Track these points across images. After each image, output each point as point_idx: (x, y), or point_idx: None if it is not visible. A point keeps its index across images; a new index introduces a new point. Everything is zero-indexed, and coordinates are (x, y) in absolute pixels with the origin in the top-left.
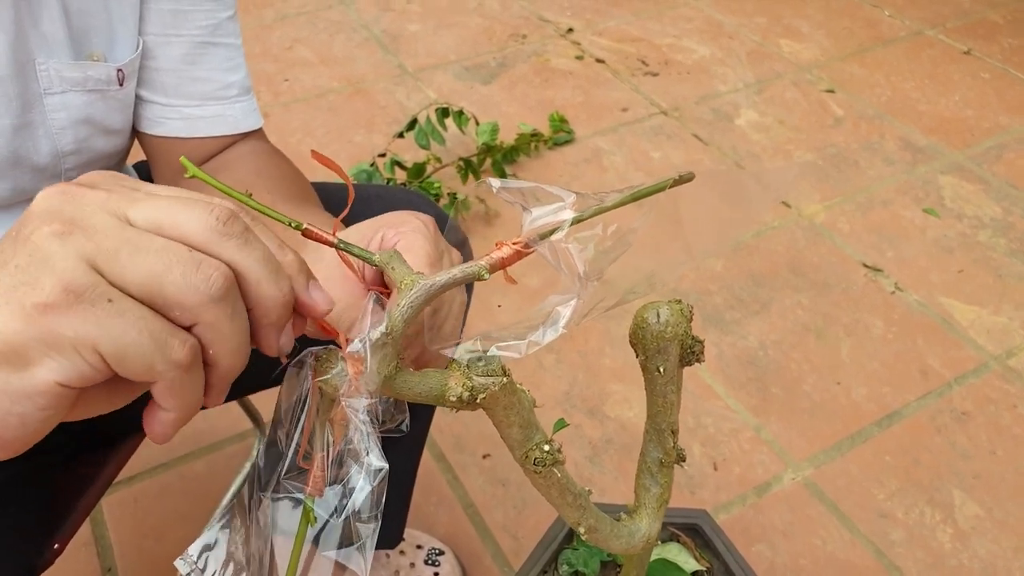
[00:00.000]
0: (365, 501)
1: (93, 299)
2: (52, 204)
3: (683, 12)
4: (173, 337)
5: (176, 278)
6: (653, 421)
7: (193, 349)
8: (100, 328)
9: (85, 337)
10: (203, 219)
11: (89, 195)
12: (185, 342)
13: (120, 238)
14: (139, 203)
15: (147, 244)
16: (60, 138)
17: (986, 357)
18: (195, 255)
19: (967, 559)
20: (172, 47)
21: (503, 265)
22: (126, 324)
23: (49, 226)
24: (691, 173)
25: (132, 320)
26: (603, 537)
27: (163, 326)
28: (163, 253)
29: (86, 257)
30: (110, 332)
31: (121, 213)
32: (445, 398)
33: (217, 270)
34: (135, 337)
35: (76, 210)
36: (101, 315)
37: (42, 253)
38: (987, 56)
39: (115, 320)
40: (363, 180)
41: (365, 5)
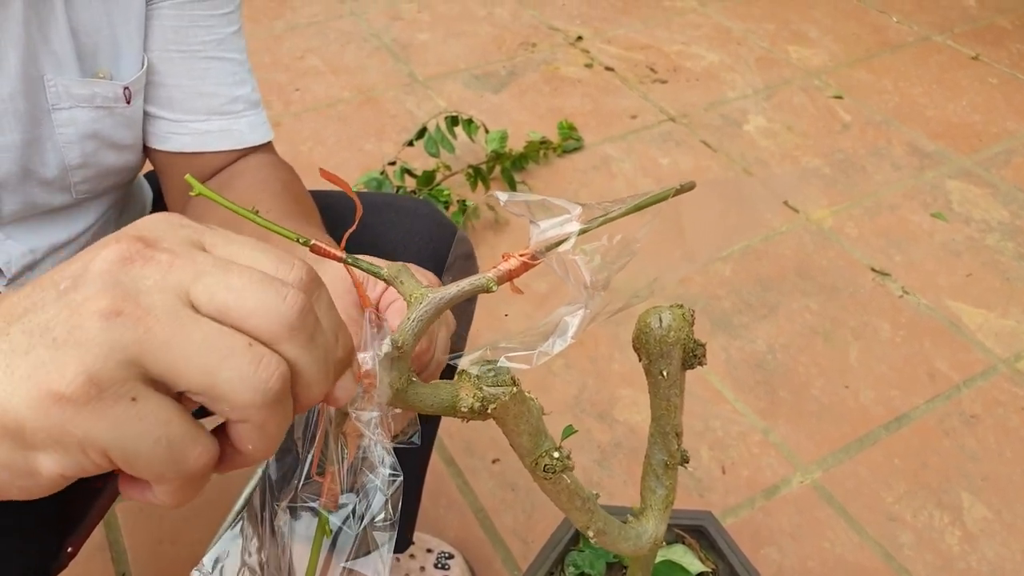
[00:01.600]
0: (380, 510)
1: (116, 396)
2: (111, 270)
3: (691, 19)
4: (195, 445)
5: (231, 378)
6: (657, 424)
7: (211, 460)
8: (112, 432)
9: (94, 439)
10: (275, 311)
11: (151, 266)
12: (206, 451)
13: (173, 327)
14: (204, 279)
15: (202, 336)
16: (67, 152)
17: (994, 360)
18: (255, 351)
19: (976, 561)
20: (177, 63)
21: (510, 277)
22: (143, 430)
23: (99, 302)
24: (692, 182)
25: (151, 426)
26: (611, 540)
27: (187, 432)
28: (219, 348)
29: (127, 347)
30: (122, 437)
31: (183, 291)
32: (456, 409)
33: (276, 371)
34: (149, 446)
35: (133, 282)
36: (119, 417)
37: (81, 334)
38: (995, 61)
39: (132, 424)
40: (373, 188)
41: (375, 15)
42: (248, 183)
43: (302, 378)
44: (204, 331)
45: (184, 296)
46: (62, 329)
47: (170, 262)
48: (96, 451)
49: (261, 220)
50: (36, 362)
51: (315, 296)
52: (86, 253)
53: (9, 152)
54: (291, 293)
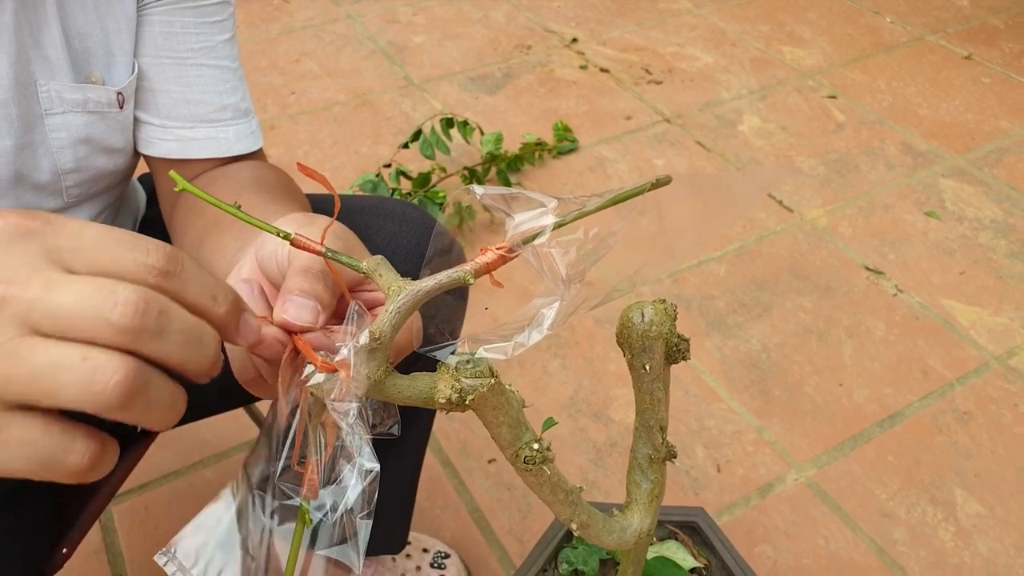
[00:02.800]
0: (358, 500)
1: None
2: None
3: (686, 20)
4: (69, 453)
5: (72, 393)
6: (642, 418)
7: (93, 457)
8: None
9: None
10: (105, 320)
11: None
12: (83, 454)
13: (12, 360)
14: (38, 307)
15: (35, 363)
16: (60, 157)
17: (987, 357)
18: (91, 363)
19: (969, 557)
20: (166, 70)
21: (488, 270)
22: (10, 454)
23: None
24: (668, 177)
25: (17, 449)
26: (595, 533)
27: (56, 445)
28: (53, 370)
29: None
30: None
31: (21, 321)
32: (434, 400)
33: (114, 377)
34: (23, 465)
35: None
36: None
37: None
38: (988, 61)
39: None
40: (368, 190)
41: (371, 18)
42: (233, 181)
43: (171, 364)
44: (39, 356)
45: (21, 325)
46: None
47: (3, 296)
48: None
49: (242, 215)
50: None
51: (178, 266)
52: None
53: (1, 158)
54: (121, 298)
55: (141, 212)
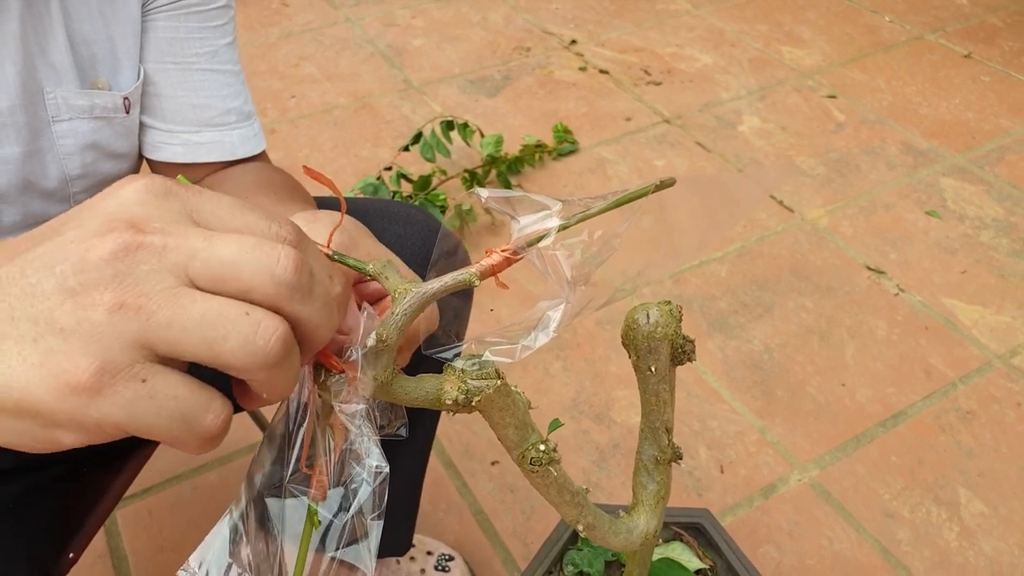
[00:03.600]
0: (368, 502)
1: (127, 380)
2: (109, 260)
3: (685, 21)
4: (206, 412)
5: (232, 348)
6: (647, 419)
7: (224, 422)
8: (126, 412)
9: (110, 420)
10: (270, 275)
11: (145, 252)
12: (218, 416)
13: (174, 309)
14: (198, 256)
15: (200, 312)
16: (68, 163)
17: (990, 356)
18: (253, 318)
19: (973, 556)
20: (170, 74)
21: (493, 272)
22: (155, 407)
23: (102, 295)
24: (672, 179)
25: (162, 402)
26: (602, 534)
27: (197, 402)
28: (217, 322)
29: (132, 334)
30: (136, 416)
31: (180, 270)
32: (441, 402)
33: (275, 333)
34: (163, 420)
35: (131, 271)
36: (131, 398)
37: (88, 326)
38: (987, 59)
39: (144, 404)
40: (369, 193)
41: (370, 21)
42: (238, 183)
43: (308, 327)
44: (201, 307)
45: (182, 275)
46: (69, 320)
47: (163, 245)
48: (112, 427)
49: None
50: (46, 350)
51: (304, 247)
52: (74, 231)
53: (9, 164)
54: (283, 253)
55: None
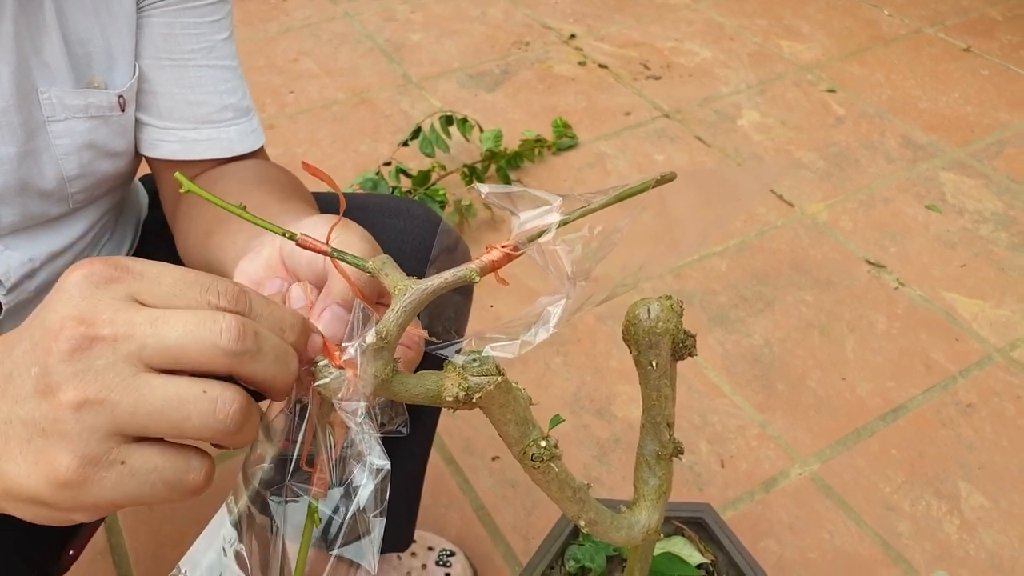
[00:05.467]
0: (369, 499)
1: (107, 465)
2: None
3: (684, 15)
4: (187, 472)
5: (196, 424)
6: (648, 414)
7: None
8: (116, 492)
9: (101, 502)
10: (215, 346)
11: (98, 348)
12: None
13: (134, 396)
14: (149, 344)
15: (161, 397)
16: (65, 163)
17: (990, 349)
18: (211, 395)
19: (974, 549)
20: (166, 71)
21: (493, 268)
22: (139, 482)
23: (67, 395)
24: (673, 173)
25: (144, 476)
26: (603, 529)
27: (177, 467)
28: (179, 403)
29: (101, 426)
30: (125, 493)
31: (134, 360)
32: (442, 399)
33: (232, 406)
34: (150, 490)
35: (89, 369)
36: (116, 480)
37: (61, 426)
38: (986, 53)
39: (129, 481)
40: (368, 189)
41: (368, 16)
42: (237, 180)
43: (266, 383)
44: (161, 393)
45: (136, 363)
46: (46, 421)
47: (113, 337)
48: (107, 507)
49: (248, 215)
50: (36, 450)
51: (246, 305)
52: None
53: (4, 165)
54: (224, 325)
55: (144, 214)
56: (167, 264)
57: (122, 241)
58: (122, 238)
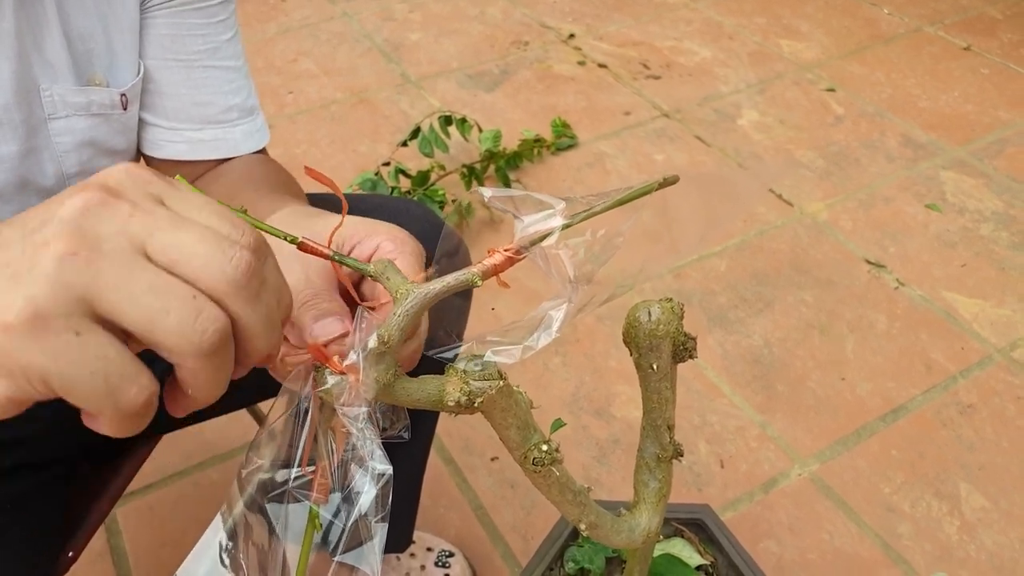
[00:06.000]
0: (371, 504)
1: (60, 329)
2: (74, 215)
3: (683, 15)
4: (131, 383)
5: (170, 324)
6: (649, 417)
7: (148, 398)
8: (53, 361)
9: (35, 367)
10: (220, 268)
11: (110, 213)
12: (144, 390)
13: (124, 272)
14: (160, 232)
15: (148, 282)
16: (65, 161)
17: (990, 350)
18: (197, 303)
19: (974, 550)
20: (172, 72)
21: (495, 271)
22: (82, 362)
23: (58, 244)
24: (676, 176)
25: (89, 359)
26: (604, 533)
27: (125, 369)
28: (163, 295)
29: (76, 285)
30: (62, 367)
31: (139, 241)
32: (443, 403)
33: (214, 324)
34: (86, 378)
35: (93, 227)
36: (60, 347)
37: (36, 271)
38: (986, 52)
39: (72, 355)
40: (368, 189)
41: (367, 15)
42: (234, 178)
43: (245, 333)
44: (151, 278)
45: (139, 246)
46: (21, 266)
47: (130, 212)
48: (36, 378)
49: (249, 218)
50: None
51: (262, 259)
52: (56, 199)
53: (5, 163)
54: (238, 253)
55: None
56: (200, 192)
57: None
58: None
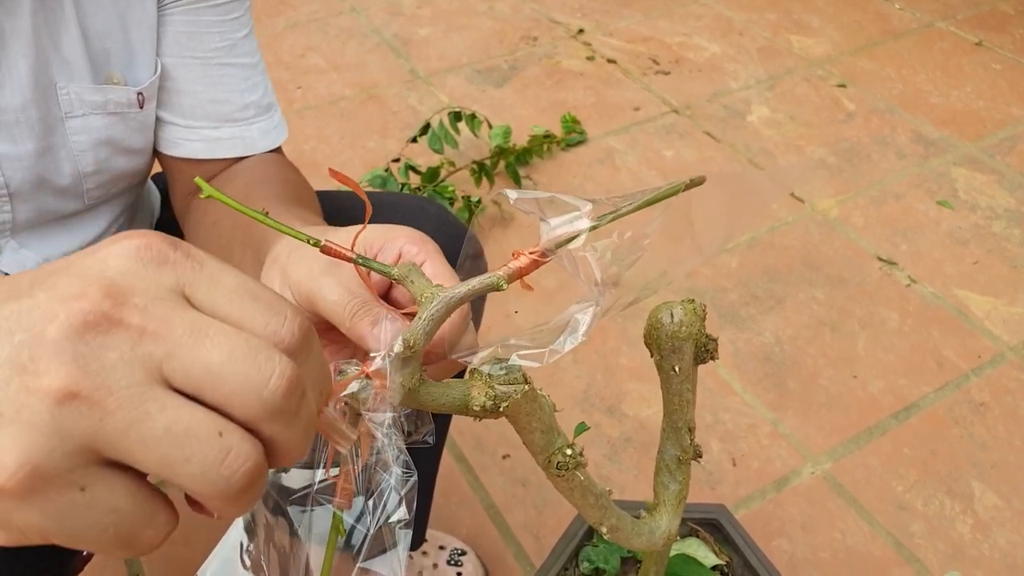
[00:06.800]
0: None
1: (62, 487)
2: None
3: (693, 10)
4: (146, 528)
5: (192, 471)
6: (670, 419)
7: (166, 536)
8: (55, 522)
9: (34, 527)
10: (256, 392)
11: (117, 334)
12: (159, 532)
13: (135, 414)
14: (178, 353)
15: (166, 423)
16: (81, 160)
17: (1002, 347)
18: (224, 442)
19: (987, 549)
20: (189, 69)
21: (521, 275)
22: (90, 520)
23: (53, 379)
24: (702, 177)
25: (99, 515)
26: (625, 536)
27: (138, 517)
28: (183, 441)
29: (80, 435)
30: (66, 527)
31: (154, 366)
32: (469, 408)
33: (244, 465)
34: (95, 534)
35: (95, 356)
36: (63, 508)
37: (30, 416)
38: (998, 47)
39: (77, 515)
40: (378, 185)
41: (376, 11)
42: (249, 179)
43: (279, 450)
44: (170, 418)
45: (155, 372)
46: (10, 404)
47: (140, 331)
48: (35, 534)
49: (271, 221)
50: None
51: (305, 354)
52: (44, 294)
53: (23, 161)
54: (278, 371)
55: (156, 213)
56: (232, 268)
57: None
58: None
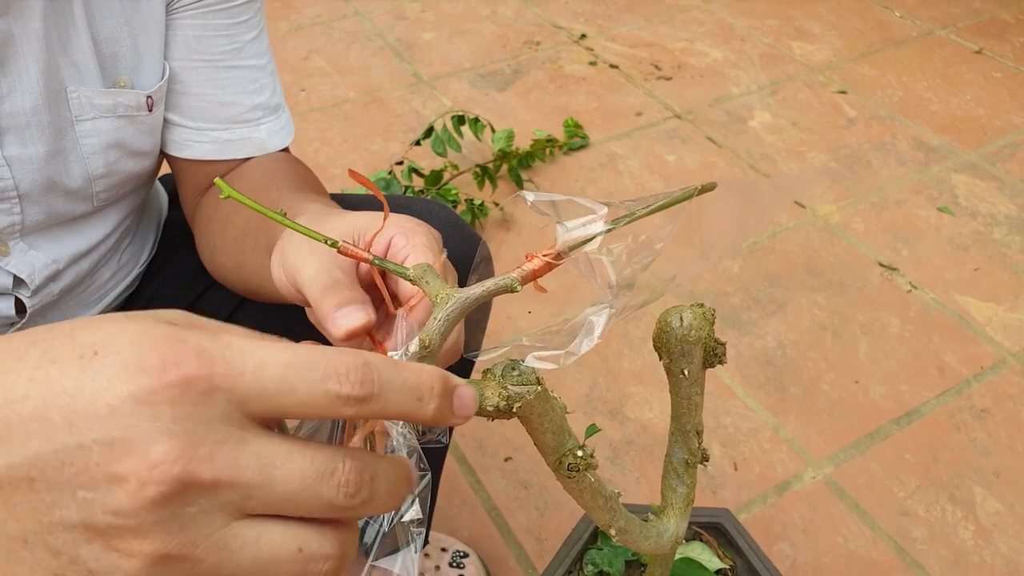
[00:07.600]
0: (409, 508)
1: None
2: (150, 507)
3: (695, 16)
4: None
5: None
6: (678, 423)
7: None
8: None
9: None
10: (328, 502)
11: (194, 492)
12: None
13: (223, 552)
14: (256, 495)
15: (252, 557)
16: (91, 162)
17: (1004, 353)
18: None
19: (989, 556)
20: (197, 72)
21: (534, 277)
22: None
23: (142, 544)
24: (714, 183)
25: None
26: (633, 538)
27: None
28: (270, 564)
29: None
30: None
31: (234, 508)
32: (482, 408)
33: (326, 566)
34: None
35: (176, 516)
36: None
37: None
38: (998, 55)
39: None
40: (381, 188)
41: (379, 14)
42: (262, 173)
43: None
44: (252, 551)
45: (235, 511)
46: (100, 564)
47: (214, 484)
48: None
49: (288, 222)
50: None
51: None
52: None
53: (34, 164)
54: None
55: (164, 214)
56: (266, 342)
57: (143, 243)
58: (143, 240)
